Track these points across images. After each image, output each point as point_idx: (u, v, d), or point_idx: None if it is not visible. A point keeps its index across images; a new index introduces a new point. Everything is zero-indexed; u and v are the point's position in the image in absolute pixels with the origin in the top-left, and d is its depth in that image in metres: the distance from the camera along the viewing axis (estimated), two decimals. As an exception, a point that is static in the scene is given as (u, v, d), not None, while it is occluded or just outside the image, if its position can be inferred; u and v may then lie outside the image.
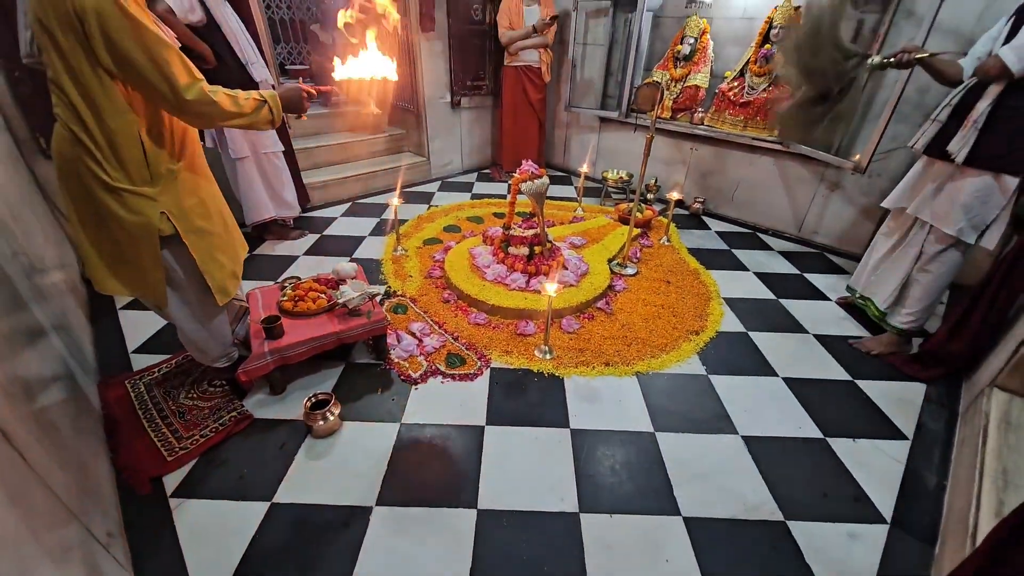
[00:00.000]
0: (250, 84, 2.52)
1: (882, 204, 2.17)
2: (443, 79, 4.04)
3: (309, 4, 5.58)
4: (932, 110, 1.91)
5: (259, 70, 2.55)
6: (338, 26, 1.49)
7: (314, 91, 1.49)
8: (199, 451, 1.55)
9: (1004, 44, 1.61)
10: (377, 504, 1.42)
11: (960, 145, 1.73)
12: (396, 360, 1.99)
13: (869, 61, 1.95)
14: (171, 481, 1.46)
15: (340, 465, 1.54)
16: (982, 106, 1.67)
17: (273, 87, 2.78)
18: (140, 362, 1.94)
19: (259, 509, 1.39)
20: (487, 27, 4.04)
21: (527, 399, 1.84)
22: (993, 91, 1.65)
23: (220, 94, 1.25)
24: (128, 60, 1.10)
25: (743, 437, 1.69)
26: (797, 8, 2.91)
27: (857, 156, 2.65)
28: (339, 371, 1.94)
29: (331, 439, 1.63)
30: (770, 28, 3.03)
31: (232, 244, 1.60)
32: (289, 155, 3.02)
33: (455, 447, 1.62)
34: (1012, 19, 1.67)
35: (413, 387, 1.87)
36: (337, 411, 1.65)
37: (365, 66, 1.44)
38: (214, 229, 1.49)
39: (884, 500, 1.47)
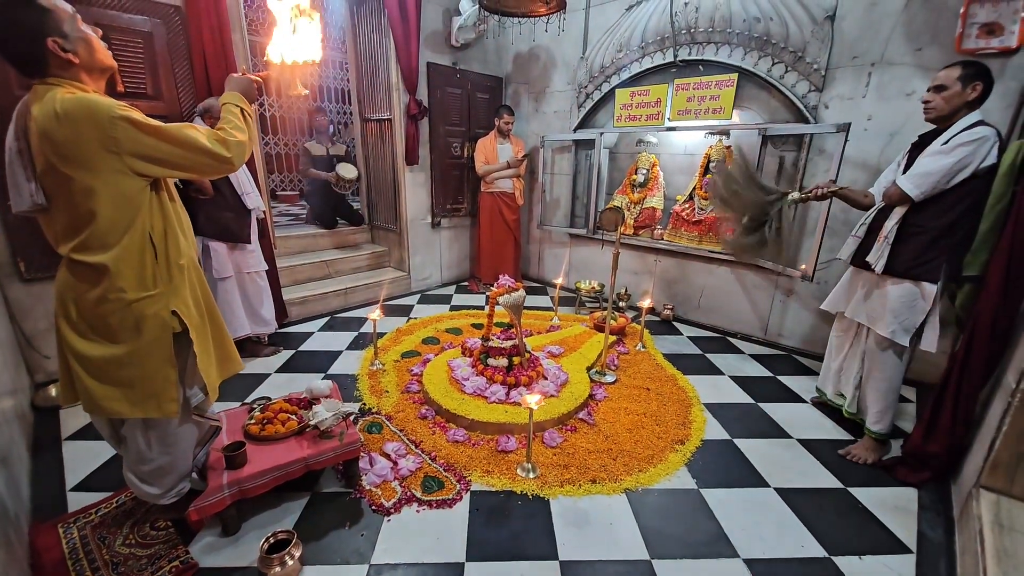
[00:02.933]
0: (243, 211, 2.69)
1: (821, 307, 2.35)
2: (425, 203, 4.41)
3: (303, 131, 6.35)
4: (854, 226, 2.19)
5: (253, 199, 2.74)
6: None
7: (259, 77, 1.52)
8: (128, 614, 1.32)
9: (903, 174, 1.91)
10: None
11: (877, 256, 1.96)
12: (368, 487, 1.84)
13: (789, 197, 2.21)
14: (86, 658, 1.22)
15: (296, 623, 1.33)
16: (889, 224, 1.93)
17: (264, 212, 2.96)
18: (78, 501, 1.74)
19: None
20: (465, 160, 4.56)
21: (510, 527, 1.69)
22: (898, 211, 1.92)
23: (228, 131, 1.34)
24: (161, 158, 1.24)
25: (745, 560, 1.57)
26: (728, 147, 3.44)
27: (803, 266, 2.92)
28: (303, 503, 1.77)
29: (288, 589, 1.43)
30: (709, 162, 3.53)
31: (220, 333, 1.58)
32: (272, 273, 3.11)
33: (431, 591, 1.44)
34: (908, 153, 2.00)
35: (385, 519, 1.71)
36: (298, 553, 1.47)
37: (290, 49, 1.49)
38: (207, 324, 1.50)
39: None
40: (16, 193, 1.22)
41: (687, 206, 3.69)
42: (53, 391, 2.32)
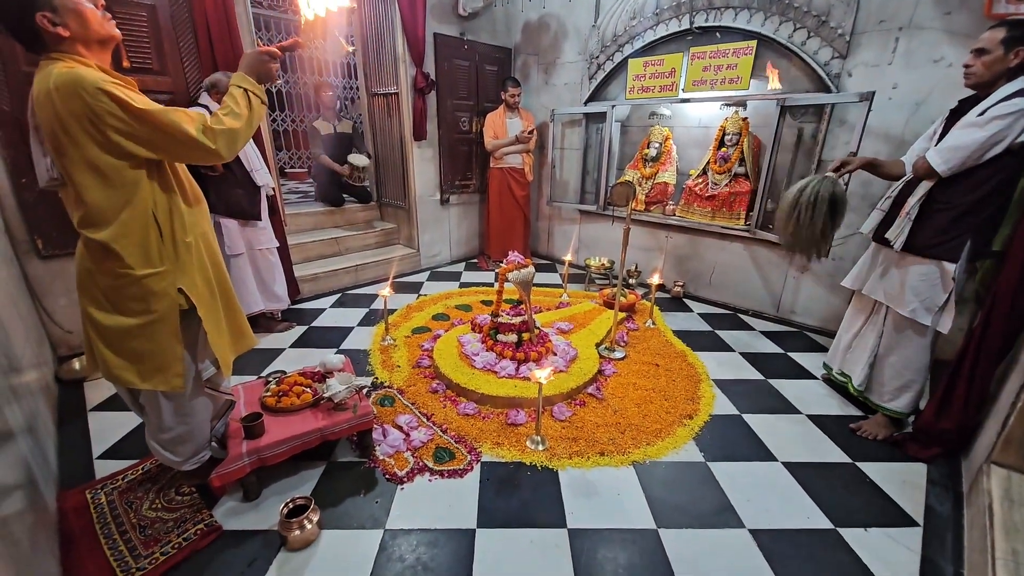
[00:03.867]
0: (253, 188, 2.70)
1: (842, 283, 2.29)
2: (433, 179, 4.37)
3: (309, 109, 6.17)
4: (877, 200, 2.12)
5: (262, 176, 2.74)
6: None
7: (276, 49, 1.42)
8: (157, 573, 1.39)
9: (936, 146, 1.80)
10: (355, 630, 1.26)
11: (896, 233, 1.89)
12: (381, 457, 1.89)
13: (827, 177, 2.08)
14: (121, 611, 1.29)
15: (316, 583, 1.39)
16: (913, 200, 1.85)
17: (274, 189, 2.96)
18: (104, 468, 1.81)
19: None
20: (473, 136, 4.48)
21: (520, 496, 1.73)
22: (924, 186, 1.83)
23: (220, 118, 1.29)
24: (145, 140, 1.21)
25: (750, 531, 1.59)
26: (745, 119, 3.33)
27: (819, 241, 2.85)
28: (320, 471, 1.83)
29: (307, 551, 1.49)
30: (724, 134, 3.43)
31: (233, 309, 1.60)
32: (283, 250, 3.13)
33: (443, 556, 1.49)
34: (945, 121, 1.86)
35: (399, 487, 1.76)
36: (316, 518, 1.53)
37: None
38: (218, 300, 1.52)
39: (909, 599, 1.37)
40: (37, 169, 1.26)
41: (700, 181, 3.61)
42: (76, 364, 2.40)
